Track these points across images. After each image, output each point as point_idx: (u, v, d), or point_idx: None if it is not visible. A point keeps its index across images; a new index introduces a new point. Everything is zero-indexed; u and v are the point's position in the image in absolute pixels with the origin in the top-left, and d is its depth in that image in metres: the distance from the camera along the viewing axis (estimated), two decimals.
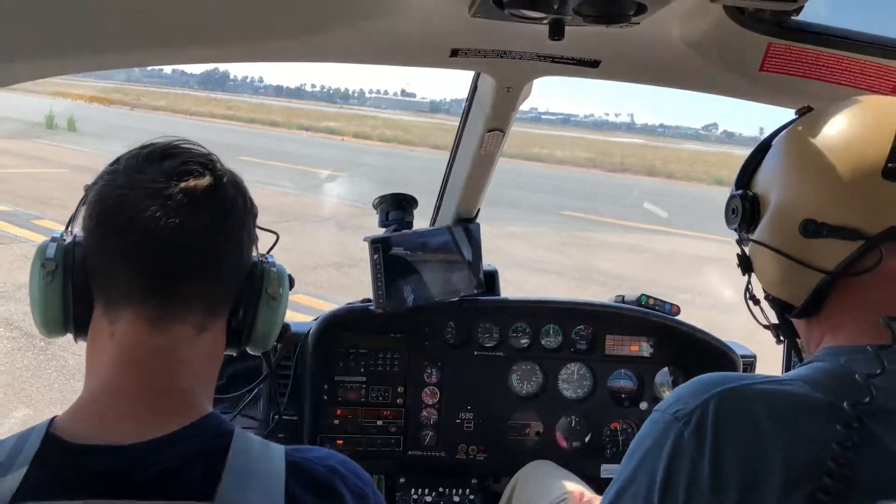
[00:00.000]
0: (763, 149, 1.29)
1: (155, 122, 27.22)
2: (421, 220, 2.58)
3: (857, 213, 1.08)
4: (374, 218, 2.56)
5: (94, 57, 1.47)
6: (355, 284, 8.93)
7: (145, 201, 1.02)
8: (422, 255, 2.43)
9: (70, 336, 1.12)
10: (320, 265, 10.01)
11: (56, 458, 0.95)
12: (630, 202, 19.33)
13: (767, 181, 1.24)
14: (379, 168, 20.98)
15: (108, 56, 1.50)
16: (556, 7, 1.36)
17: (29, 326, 7.01)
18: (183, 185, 1.04)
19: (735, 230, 1.29)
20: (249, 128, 30.69)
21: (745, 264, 1.29)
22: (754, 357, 2.68)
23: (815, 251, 1.12)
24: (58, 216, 11.31)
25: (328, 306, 2.61)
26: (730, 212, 1.28)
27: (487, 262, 2.69)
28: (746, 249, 1.29)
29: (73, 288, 1.08)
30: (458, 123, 2.43)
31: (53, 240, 1.11)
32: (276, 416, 2.44)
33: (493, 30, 1.62)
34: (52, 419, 1.00)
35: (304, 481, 1.02)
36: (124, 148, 1.13)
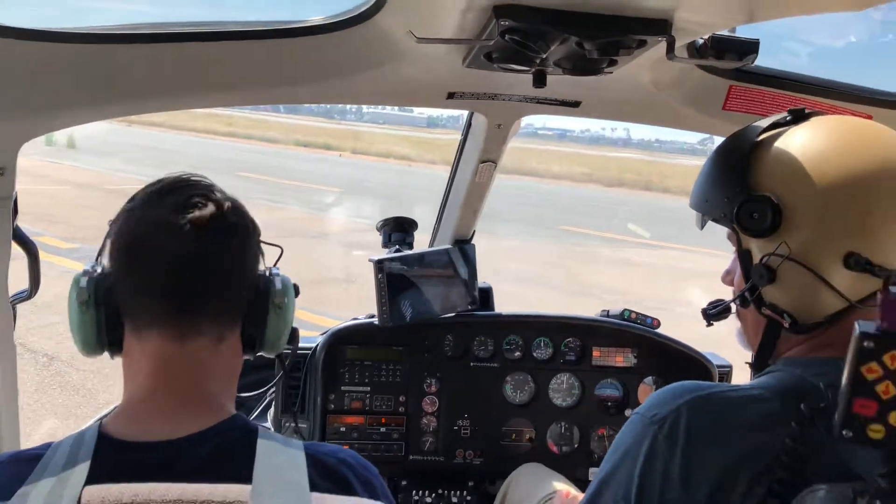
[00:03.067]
0: (756, 144, 1.28)
1: (152, 138, 27.33)
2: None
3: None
4: (372, 233, 2.76)
5: (138, 103, 1.70)
6: (351, 300, 9.05)
7: (158, 235, 1.19)
8: (422, 273, 2.64)
9: (76, 354, 1.28)
10: (320, 281, 10.13)
11: (111, 452, 1.12)
12: (627, 217, 19.48)
13: (794, 192, 1.21)
14: (377, 183, 21.14)
15: (147, 101, 1.73)
16: (538, 61, 1.57)
17: (32, 343, 7.09)
18: (189, 216, 1.20)
19: (752, 236, 1.25)
20: (248, 144, 30.81)
21: (767, 274, 1.23)
22: (730, 367, 2.87)
23: (846, 280, 1.17)
24: (60, 233, 11.37)
25: (322, 320, 2.79)
26: (748, 215, 1.23)
27: (483, 277, 2.89)
28: (764, 258, 1.24)
29: (105, 315, 1.24)
30: (453, 136, 2.64)
31: (85, 273, 1.26)
32: (287, 424, 2.63)
33: (484, 76, 1.83)
34: (100, 422, 1.17)
35: (320, 471, 1.18)
36: (123, 163, 1.31)
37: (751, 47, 1.70)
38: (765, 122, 1.33)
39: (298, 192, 17.99)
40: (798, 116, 1.32)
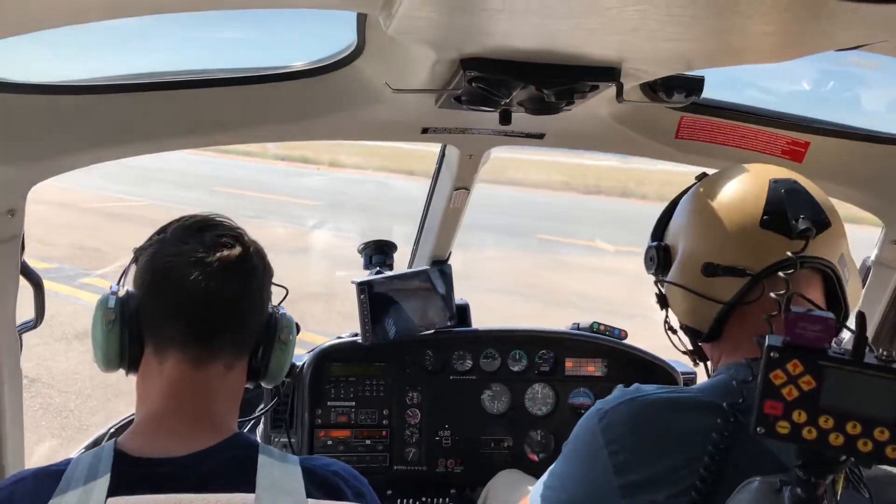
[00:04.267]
0: (672, 207, 1.59)
1: None
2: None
3: (743, 255, 1.37)
4: (350, 248, 2.90)
5: (137, 145, 1.85)
6: (332, 315, 9.12)
7: (189, 268, 1.32)
8: (402, 293, 2.78)
9: (57, 376, 1.40)
10: (301, 296, 10.18)
11: (127, 468, 1.24)
12: (606, 224, 19.62)
13: (676, 234, 1.52)
14: (356, 196, 21.15)
15: (145, 143, 1.88)
16: (503, 103, 1.72)
17: None
18: (218, 255, 1.34)
19: (652, 274, 1.56)
20: (225, 158, 30.63)
21: (662, 301, 1.56)
22: (694, 373, 3.03)
23: (714, 287, 1.40)
24: (38, 252, 11.31)
25: (305, 335, 2.92)
26: (648, 259, 1.55)
27: (462, 288, 3.04)
28: (663, 289, 1.55)
29: (129, 334, 1.36)
30: (428, 148, 2.76)
31: (112, 293, 1.39)
32: (276, 439, 2.75)
33: (455, 113, 1.99)
34: (115, 440, 1.30)
35: (315, 482, 1.31)
36: (100, 180, 1.43)
37: (697, 85, 1.87)
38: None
39: (277, 205, 17.96)
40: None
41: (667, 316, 1.59)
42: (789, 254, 1.31)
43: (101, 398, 6.63)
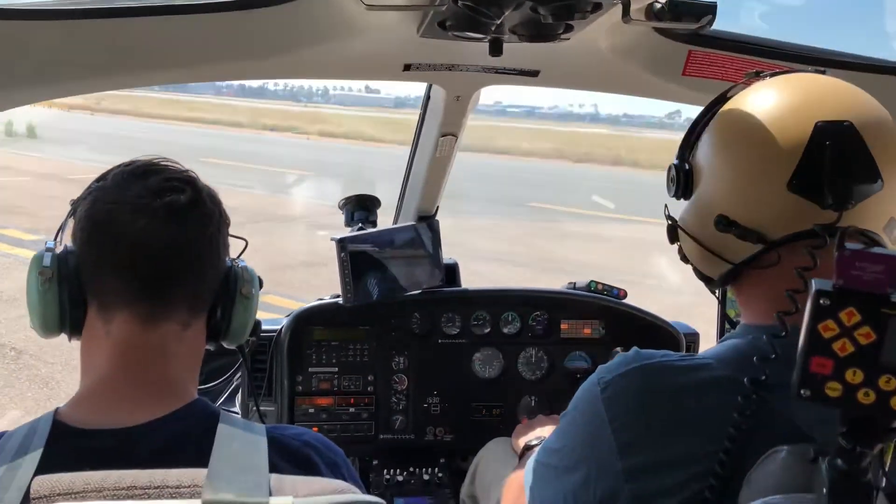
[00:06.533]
0: (705, 117, 1.33)
1: (117, 126, 26.91)
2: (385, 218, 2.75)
3: (763, 219, 1.17)
4: (341, 217, 2.73)
5: (85, 81, 1.64)
6: (321, 283, 9.01)
7: (133, 216, 1.17)
8: (386, 251, 2.61)
9: (44, 347, 1.25)
10: (290, 265, 10.08)
11: (65, 441, 1.09)
12: (597, 192, 19.56)
13: (701, 160, 1.29)
14: (345, 165, 21.02)
15: (97, 80, 1.67)
16: (493, 28, 1.54)
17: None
18: (167, 199, 1.19)
19: (673, 197, 1.35)
20: (214, 129, 30.36)
21: (672, 234, 1.38)
22: (697, 334, 2.88)
23: (726, 243, 1.22)
24: (23, 224, 11.22)
25: (298, 306, 2.77)
26: (669, 179, 1.34)
27: (453, 255, 2.88)
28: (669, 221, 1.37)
29: (69, 293, 1.21)
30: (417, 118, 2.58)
31: (48, 250, 1.24)
32: (253, 407, 2.60)
33: (441, 46, 1.80)
34: (56, 410, 1.14)
35: (283, 453, 1.16)
36: (87, 152, 1.28)
37: (708, 9, 1.68)
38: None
39: (265, 175, 17.81)
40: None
41: (680, 247, 1.39)
42: (815, 227, 1.11)
43: None
